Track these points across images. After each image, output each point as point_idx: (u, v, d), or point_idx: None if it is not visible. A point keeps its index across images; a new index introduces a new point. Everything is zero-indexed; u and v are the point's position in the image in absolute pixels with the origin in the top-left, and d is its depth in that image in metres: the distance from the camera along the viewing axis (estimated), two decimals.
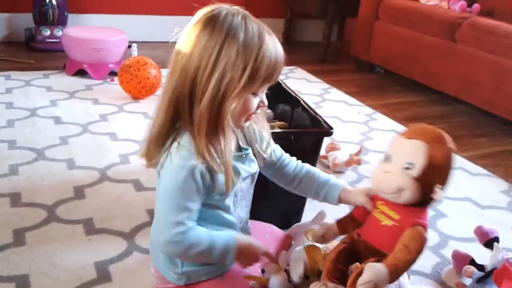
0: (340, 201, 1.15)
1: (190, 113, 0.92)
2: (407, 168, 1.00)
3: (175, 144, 0.95)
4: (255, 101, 0.97)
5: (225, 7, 0.93)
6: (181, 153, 0.93)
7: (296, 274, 1.12)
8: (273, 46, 0.93)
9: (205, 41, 0.89)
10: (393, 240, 0.98)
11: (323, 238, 1.14)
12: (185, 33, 0.94)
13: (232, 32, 0.89)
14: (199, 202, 0.96)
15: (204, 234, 0.96)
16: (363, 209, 1.10)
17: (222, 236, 0.98)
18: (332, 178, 1.18)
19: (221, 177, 0.95)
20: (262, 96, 0.99)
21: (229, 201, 1.02)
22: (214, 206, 1.01)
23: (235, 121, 0.95)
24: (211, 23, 0.90)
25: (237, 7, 0.94)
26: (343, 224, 1.14)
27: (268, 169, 1.15)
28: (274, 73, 0.94)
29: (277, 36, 0.96)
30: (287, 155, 1.19)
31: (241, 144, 1.05)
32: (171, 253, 0.98)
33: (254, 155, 1.07)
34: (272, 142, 1.13)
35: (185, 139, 0.94)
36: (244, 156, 1.03)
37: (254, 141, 1.08)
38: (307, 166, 1.19)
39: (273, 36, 0.95)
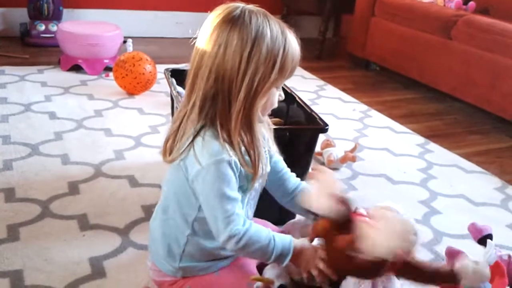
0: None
1: (229, 108, 0.95)
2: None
3: (199, 139, 0.96)
4: (277, 96, 1.02)
5: (243, 6, 0.97)
6: (212, 148, 0.94)
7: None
8: (294, 41, 0.99)
9: (236, 41, 0.92)
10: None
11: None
12: (209, 34, 0.96)
13: (260, 31, 0.93)
14: (237, 191, 0.98)
15: (263, 231, 0.98)
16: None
17: (281, 236, 1.00)
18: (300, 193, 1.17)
19: (244, 171, 0.97)
20: (280, 90, 1.03)
21: (242, 199, 1.02)
22: None
23: (261, 115, 1.00)
24: (238, 23, 0.94)
25: (253, 6, 0.99)
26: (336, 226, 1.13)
27: (269, 176, 1.14)
28: (295, 66, 1.00)
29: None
30: (288, 169, 1.19)
31: None
32: (233, 247, 0.97)
33: None
34: (276, 151, 1.14)
35: (209, 134, 0.95)
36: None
37: (263, 139, 1.09)
38: (303, 184, 1.20)
39: (291, 32, 0.99)
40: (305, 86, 2.82)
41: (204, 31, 0.98)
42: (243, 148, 0.96)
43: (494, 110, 2.49)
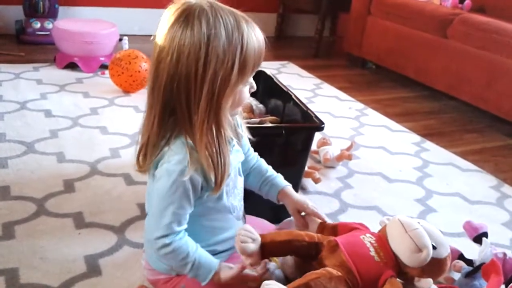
0: (279, 201, 1.18)
1: (190, 120, 0.91)
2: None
3: (165, 149, 0.95)
4: (246, 90, 0.98)
5: (194, 3, 0.90)
6: (174, 158, 0.93)
7: (288, 267, 1.13)
8: (254, 33, 0.92)
9: (189, 48, 0.87)
10: (370, 273, 1.01)
11: (306, 228, 1.16)
12: (161, 41, 0.91)
13: (213, 33, 0.87)
14: (191, 206, 0.97)
15: (190, 248, 0.98)
16: (349, 228, 1.13)
17: (206, 258, 1.00)
18: (278, 177, 1.18)
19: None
20: (251, 81, 0.99)
21: (222, 191, 1.02)
22: (209, 200, 1.01)
23: (231, 113, 0.97)
24: (188, 27, 0.88)
25: (205, 1, 0.91)
26: (323, 228, 1.15)
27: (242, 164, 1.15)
28: (260, 59, 0.95)
29: (256, 24, 0.95)
30: (252, 149, 1.19)
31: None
32: (154, 253, 0.99)
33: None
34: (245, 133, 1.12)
35: (177, 145, 0.93)
36: (231, 147, 1.04)
37: (236, 127, 1.08)
38: (260, 161, 1.20)
39: (249, 22, 0.93)
40: (302, 84, 2.82)
41: (158, 36, 0.92)
42: (210, 155, 0.92)
43: (490, 108, 2.50)
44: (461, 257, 1.35)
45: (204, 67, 0.88)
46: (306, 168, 1.64)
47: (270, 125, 1.53)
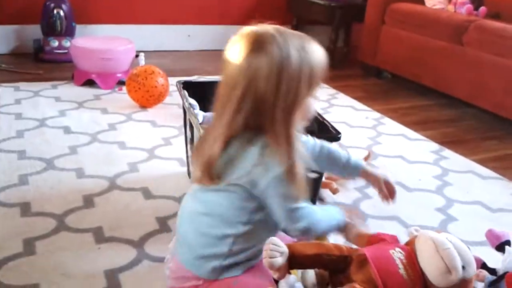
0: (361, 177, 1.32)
1: (272, 130, 0.99)
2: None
3: (260, 159, 1.00)
4: (312, 102, 1.06)
5: (266, 29, 1.01)
6: (274, 164, 1.00)
7: (309, 281, 1.13)
8: (316, 50, 1.02)
9: (265, 71, 0.96)
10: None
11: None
12: (237, 61, 0.99)
13: (285, 55, 0.97)
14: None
15: (318, 209, 1.10)
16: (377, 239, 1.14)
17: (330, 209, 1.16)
18: (352, 158, 1.29)
19: None
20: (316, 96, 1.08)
21: None
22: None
23: (300, 125, 1.06)
24: (263, 49, 0.97)
25: (273, 26, 1.03)
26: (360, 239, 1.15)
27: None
28: (323, 72, 1.04)
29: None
30: (310, 137, 1.27)
31: None
32: (306, 230, 1.06)
33: None
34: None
35: (267, 151, 1.00)
36: None
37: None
38: (327, 147, 1.28)
39: (311, 41, 1.03)
40: (317, 95, 2.81)
41: (232, 56, 1.01)
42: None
43: (509, 115, 2.46)
44: (483, 266, 1.32)
45: (278, 87, 0.97)
46: (323, 179, 1.63)
47: None
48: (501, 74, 2.46)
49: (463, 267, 1.02)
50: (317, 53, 1.02)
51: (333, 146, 1.29)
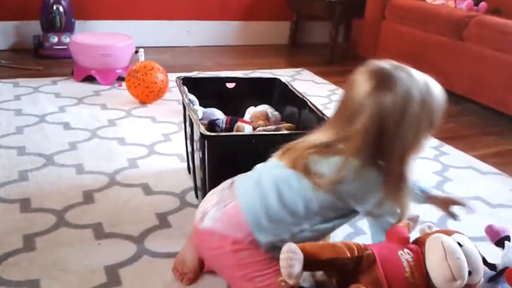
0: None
1: (387, 163, 1.06)
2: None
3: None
4: (427, 142, 1.11)
5: (390, 66, 1.08)
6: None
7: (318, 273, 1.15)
8: (439, 91, 1.08)
9: (389, 104, 1.02)
10: None
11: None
12: (362, 96, 1.04)
13: (410, 93, 1.03)
14: None
15: None
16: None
17: None
18: (420, 184, 1.34)
19: None
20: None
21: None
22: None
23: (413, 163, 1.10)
24: (389, 87, 1.03)
25: (397, 63, 1.11)
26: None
27: None
28: (442, 112, 1.09)
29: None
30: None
31: None
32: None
33: None
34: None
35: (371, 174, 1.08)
36: None
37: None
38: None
39: (433, 81, 1.09)
40: (317, 90, 2.82)
41: (356, 90, 1.06)
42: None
43: (509, 111, 2.46)
44: (483, 261, 1.32)
45: (400, 123, 1.02)
46: None
47: (285, 132, 1.53)
48: (501, 70, 2.46)
49: (470, 273, 1.02)
50: (439, 95, 1.07)
51: None
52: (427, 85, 1.06)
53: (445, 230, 1.19)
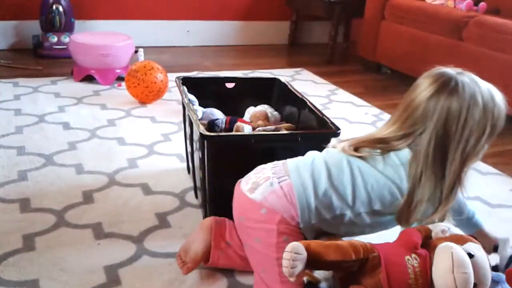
0: None
1: (443, 167, 1.08)
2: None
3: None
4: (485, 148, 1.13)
5: (455, 73, 1.12)
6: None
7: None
8: (501, 101, 1.11)
9: (453, 111, 1.06)
10: None
11: None
12: (425, 100, 1.09)
13: (474, 98, 1.06)
14: None
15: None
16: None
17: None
18: (475, 215, 1.34)
19: None
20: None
21: None
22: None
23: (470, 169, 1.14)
24: (454, 93, 1.06)
25: (462, 70, 1.14)
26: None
27: None
28: (504, 121, 1.12)
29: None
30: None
31: None
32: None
33: None
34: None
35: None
36: None
37: None
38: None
39: (498, 92, 1.11)
40: (317, 90, 2.82)
41: (421, 96, 1.11)
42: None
43: (509, 111, 2.44)
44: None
45: (463, 130, 1.05)
46: None
47: (285, 132, 1.53)
48: (500, 70, 2.46)
49: (475, 285, 1.02)
50: (501, 102, 1.10)
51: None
52: (490, 91, 1.09)
53: (460, 236, 1.17)
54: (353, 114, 2.51)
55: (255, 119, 1.66)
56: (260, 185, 1.15)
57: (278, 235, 1.11)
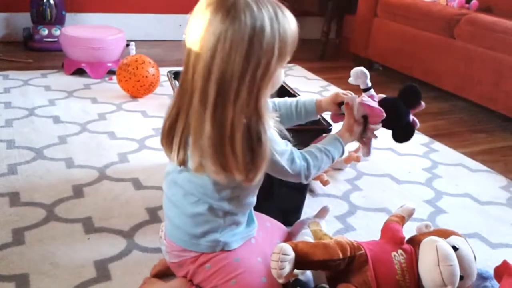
0: (318, 113, 1.28)
1: (234, 105, 0.92)
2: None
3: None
4: (282, 73, 1.02)
5: None
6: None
7: None
8: (288, 18, 0.95)
9: (237, 38, 0.88)
10: None
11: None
12: (202, 31, 0.91)
13: (258, 23, 0.89)
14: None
15: (317, 151, 1.10)
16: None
17: (326, 141, 1.14)
18: (301, 97, 1.28)
19: None
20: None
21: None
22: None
23: (269, 95, 1.00)
24: (236, 18, 0.89)
25: None
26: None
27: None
28: (295, 42, 0.98)
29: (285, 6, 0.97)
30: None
31: None
32: (313, 176, 1.10)
33: None
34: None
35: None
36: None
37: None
38: (281, 101, 1.26)
39: (283, 9, 0.95)
40: (309, 86, 2.82)
41: (196, 27, 0.93)
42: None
43: (499, 108, 2.48)
44: None
45: (249, 56, 0.89)
46: None
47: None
48: (491, 68, 2.47)
49: (462, 277, 1.03)
50: (290, 22, 0.95)
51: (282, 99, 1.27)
52: (277, 12, 0.92)
53: (443, 230, 1.19)
54: None
55: None
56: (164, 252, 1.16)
57: (200, 271, 1.08)
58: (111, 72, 2.66)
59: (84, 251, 1.30)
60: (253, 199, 1.12)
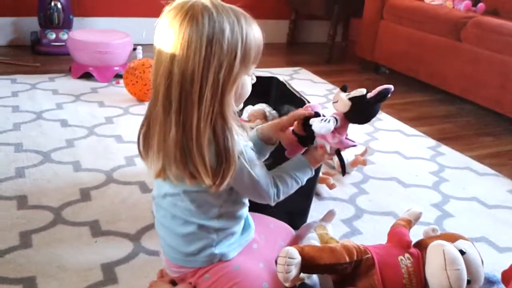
0: (268, 141, 1.17)
1: (198, 111, 0.92)
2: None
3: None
4: (249, 81, 1.01)
5: (195, 1, 0.93)
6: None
7: None
8: (252, 27, 0.96)
9: (195, 41, 0.89)
10: None
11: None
12: (164, 36, 0.93)
13: (217, 26, 0.90)
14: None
15: (287, 177, 1.08)
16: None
17: (296, 167, 1.10)
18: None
19: None
20: (252, 74, 1.03)
21: None
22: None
23: (235, 105, 0.98)
24: (194, 21, 0.90)
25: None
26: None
27: None
28: (260, 50, 0.98)
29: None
30: None
31: None
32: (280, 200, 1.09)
33: None
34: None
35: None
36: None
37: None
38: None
39: (247, 17, 0.96)
40: (315, 90, 2.82)
41: (160, 33, 0.95)
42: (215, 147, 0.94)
43: (506, 111, 2.47)
44: None
45: (209, 56, 0.89)
46: (320, 174, 1.63)
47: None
48: (498, 71, 2.46)
49: (469, 281, 1.02)
50: (253, 29, 0.95)
51: None
52: (238, 18, 0.93)
53: (450, 234, 1.18)
54: None
55: (253, 118, 1.66)
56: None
57: (201, 283, 1.09)
58: (118, 76, 2.67)
59: (91, 254, 1.30)
60: (244, 211, 1.11)
